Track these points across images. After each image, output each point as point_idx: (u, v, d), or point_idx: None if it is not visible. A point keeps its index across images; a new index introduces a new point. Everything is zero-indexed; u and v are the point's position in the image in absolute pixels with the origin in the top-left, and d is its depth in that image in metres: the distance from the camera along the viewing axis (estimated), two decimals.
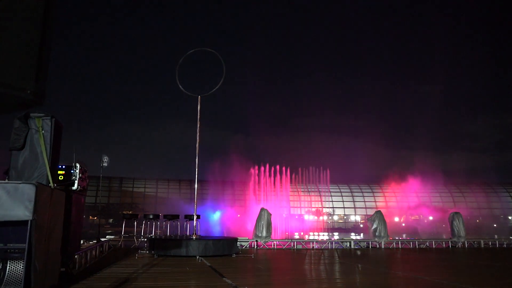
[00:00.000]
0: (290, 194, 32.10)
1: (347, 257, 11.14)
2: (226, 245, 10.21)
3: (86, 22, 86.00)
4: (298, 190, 37.41)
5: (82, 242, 9.44)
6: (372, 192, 42.03)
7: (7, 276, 4.60)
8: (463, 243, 15.51)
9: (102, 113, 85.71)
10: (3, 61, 1.56)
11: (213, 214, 28.89)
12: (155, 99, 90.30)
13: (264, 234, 13.78)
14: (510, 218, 39.65)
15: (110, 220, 33.32)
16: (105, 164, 12.66)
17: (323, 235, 27.86)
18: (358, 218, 40.66)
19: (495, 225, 36.45)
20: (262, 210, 14.24)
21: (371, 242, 14.90)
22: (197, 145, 10.95)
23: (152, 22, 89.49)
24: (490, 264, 10.13)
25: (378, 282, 6.45)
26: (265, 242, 13.75)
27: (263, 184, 26.82)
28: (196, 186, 11.14)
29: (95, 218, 28.92)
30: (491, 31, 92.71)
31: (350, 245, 14.82)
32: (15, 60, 1.62)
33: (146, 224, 14.26)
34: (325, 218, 39.25)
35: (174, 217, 13.92)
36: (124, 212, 27.60)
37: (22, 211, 3.91)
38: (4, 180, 4.66)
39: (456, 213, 16.13)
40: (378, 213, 15.47)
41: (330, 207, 40.53)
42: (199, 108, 11.08)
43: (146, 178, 39.83)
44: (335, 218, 41.13)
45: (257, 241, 13.72)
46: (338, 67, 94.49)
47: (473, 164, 70.79)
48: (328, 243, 14.70)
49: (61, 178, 6.35)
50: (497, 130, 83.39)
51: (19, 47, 1.62)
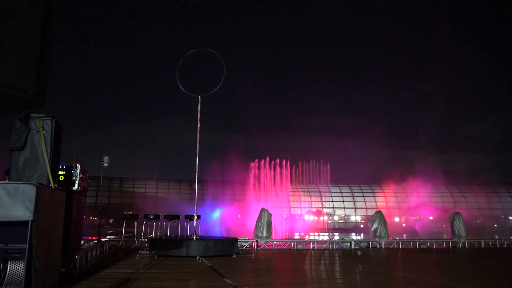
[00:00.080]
0: (291, 194, 32.04)
1: (348, 257, 11.14)
2: (226, 245, 10.21)
3: (86, 22, 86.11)
4: (299, 190, 37.40)
5: (82, 242, 9.44)
6: (372, 192, 41.99)
7: (8, 276, 4.60)
8: (464, 243, 15.51)
9: (102, 113, 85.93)
10: (4, 61, 1.57)
11: (213, 214, 28.88)
12: (156, 99, 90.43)
13: (264, 234, 13.77)
14: (510, 218, 39.60)
15: (111, 220, 33.32)
16: (105, 164, 12.66)
17: (324, 235, 27.85)
18: (359, 218, 40.62)
19: (496, 225, 36.44)
20: (263, 210, 14.24)
21: (372, 242, 14.90)
22: (197, 145, 10.95)
23: (152, 22, 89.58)
24: (490, 264, 10.12)
25: (379, 282, 6.45)
26: (265, 243, 13.75)
27: (263, 178, 26.68)
28: (196, 186, 11.14)
29: (96, 218, 28.92)
30: (491, 32, 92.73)
31: (350, 245, 14.82)
32: (16, 61, 1.62)
33: (146, 224, 14.26)
34: (325, 218, 39.22)
35: (175, 217, 13.93)
36: (124, 212, 27.61)
37: (22, 212, 3.91)
38: (4, 180, 4.67)
39: (456, 213, 16.14)
40: (379, 213, 15.48)
41: (331, 207, 40.50)
42: (200, 108, 11.09)
43: (147, 179, 39.81)
44: (336, 218, 41.09)
45: (257, 241, 13.72)
46: (339, 67, 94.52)
47: (473, 164, 70.89)
48: (328, 243, 14.69)
49: (61, 178, 6.36)
50: (497, 130, 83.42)
51: (20, 48, 1.63)
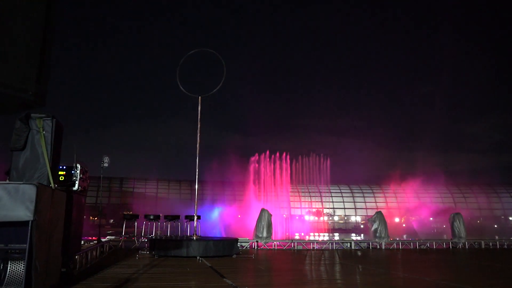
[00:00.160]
0: (291, 194, 32.00)
1: (348, 257, 11.14)
2: (226, 245, 10.21)
3: (86, 22, 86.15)
4: (299, 190, 37.39)
5: (82, 242, 9.44)
6: (372, 192, 41.98)
7: (8, 276, 4.61)
8: (464, 244, 15.50)
9: (102, 113, 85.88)
10: (5, 62, 1.57)
11: (213, 214, 28.85)
12: (156, 99, 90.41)
13: (264, 234, 13.77)
14: (511, 218, 39.59)
15: (111, 220, 33.32)
16: (105, 164, 12.67)
17: (324, 236, 27.83)
18: (359, 219, 40.60)
19: (496, 225, 36.44)
20: (263, 210, 14.24)
21: (372, 242, 14.90)
22: (197, 145, 10.95)
23: (152, 22, 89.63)
24: (490, 264, 10.12)
25: (379, 283, 6.45)
26: (265, 243, 13.75)
27: (263, 172, 26.55)
28: (196, 186, 11.14)
29: (96, 218, 28.92)
30: (492, 32, 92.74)
31: (350, 245, 14.82)
32: (17, 61, 1.63)
33: (146, 224, 14.27)
34: (325, 218, 39.21)
35: (175, 217, 13.93)
36: (124, 212, 27.60)
37: (23, 212, 3.91)
38: (5, 180, 4.67)
39: (456, 213, 16.13)
40: (379, 213, 15.48)
41: (331, 208, 40.50)
42: (200, 108, 11.10)
43: (147, 179, 39.82)
44: (336, 218, 41.07)
45: (257, 241, 13.72)
46: (339, 67, 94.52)
47: (474, 164, 70.81)
48: (328, 244, 14.69)
49: (62, 178, 6.36)
50: (497, 130, 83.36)
51: (21, 48, 1.63)
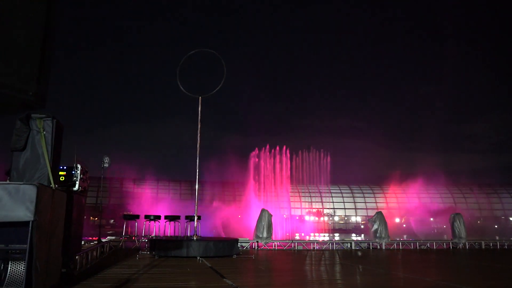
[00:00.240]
0: (291, 195, 31.99)
1: (348, 258, 11.13)
2: (226, 246, 10.20)
3: (86, 22, 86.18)
4: (299, 190, 37.38)
5: (82, 242, 9.45)
6: (373, 193, 41.95)
7: (8, 276, 4.61)
8: (464, 244, 15.50)
9: (103, 113, 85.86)
10: (5, 62, 1.57)
11: (212, 214, 28.83)
12: (156, 99, 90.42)
13: (264, 235, 13.77)
14: (511, 219, 39.57)
15: (111, 221, 33.30)
16: (106, 165, 12.68)
17: (324, 236, 27.82)
18: (359, 219, 40.58)
19: (496, 226, 36.42)
20: (263, 211, 14.24)
21: (372, 243, 14.90)
22: (197, 145, 10.95)
23: (152, 22, 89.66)
24: (491, 265, 10.12)
25: (379, 283, 6.45)
26: (265, 243, 13.75)
27: (263, 167, 26.47)
28: (197, 187, 11.15)
29: (96, 218, 28.91)
30: (492, 32, 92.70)
31: (351, 246, 14.81)
32: (17, 61, 1.63)
33: (147, 225, 14.27)
34: (325, 219, 39.20)
35: (175, 218, 13.94)
36: (125, 213, 27.58)
37: (23, 212, 3.91)
38: (5, 181, 4.67)
39: (457, 214, 16.13)
40: (379, 214, 15.47)
41: (331, 208, 40.49)
42: (200, 109, 11.10)
43: (147, 179, 39.84)
44: (336, 219, 41.05)
45: (257, 242, 13.71)
46: (339, 67, 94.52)
47: (474, 165, 70.77)
48: (329, 244, 14.69)
49: (62, 179, 6.37)
50: (498, 131, 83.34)
51: (21, 49, 1.63)
